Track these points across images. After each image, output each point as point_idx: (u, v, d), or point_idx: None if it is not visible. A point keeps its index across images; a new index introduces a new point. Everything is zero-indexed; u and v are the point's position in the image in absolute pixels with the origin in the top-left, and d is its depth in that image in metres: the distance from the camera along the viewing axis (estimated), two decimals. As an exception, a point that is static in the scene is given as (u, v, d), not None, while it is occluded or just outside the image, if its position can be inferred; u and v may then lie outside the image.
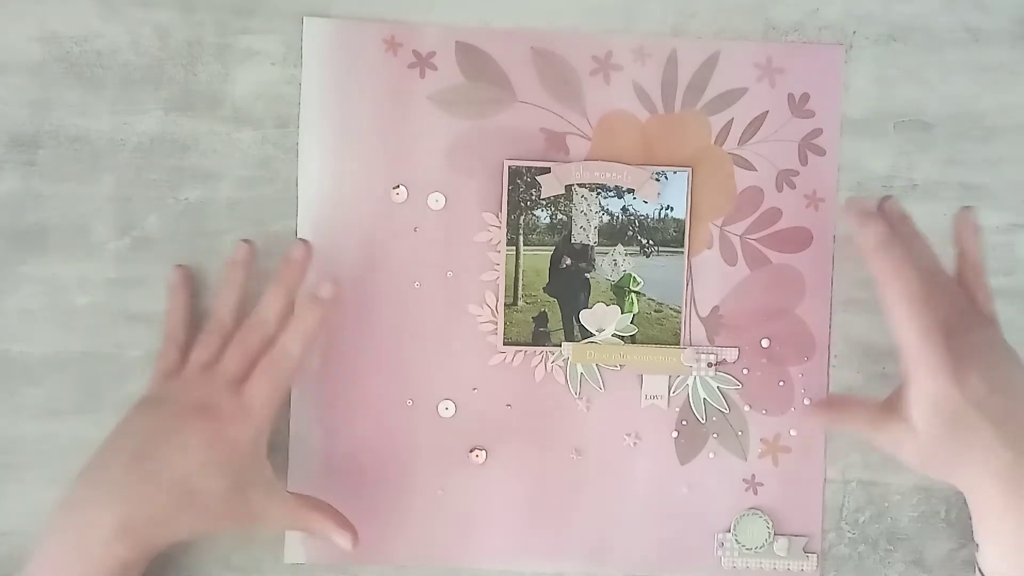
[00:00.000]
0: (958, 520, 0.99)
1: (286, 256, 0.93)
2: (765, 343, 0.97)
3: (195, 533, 0.87)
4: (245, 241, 0.94)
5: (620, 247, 0.96)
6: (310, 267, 0.93)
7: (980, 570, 0.88)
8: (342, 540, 0.91)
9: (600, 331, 0.97)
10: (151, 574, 0.94)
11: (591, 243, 0.96)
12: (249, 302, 0.93)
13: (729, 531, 0.97)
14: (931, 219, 0.97)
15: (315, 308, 0.90)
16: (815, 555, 0.98)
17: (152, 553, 0.85)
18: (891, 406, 0.86)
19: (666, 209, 0.96)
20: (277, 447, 0.96)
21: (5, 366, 0.95)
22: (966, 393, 0.83)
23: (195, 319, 0.95)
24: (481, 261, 0.96)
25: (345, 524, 0.91)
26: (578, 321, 0.96)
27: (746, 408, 0.98)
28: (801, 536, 0.98)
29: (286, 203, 0.95)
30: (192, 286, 0.95)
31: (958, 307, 0.90)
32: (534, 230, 0.96)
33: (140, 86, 0.94)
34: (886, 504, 0.99)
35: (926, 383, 0.84)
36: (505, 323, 0.96)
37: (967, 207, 0.95)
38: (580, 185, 0.95)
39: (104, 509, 0.82)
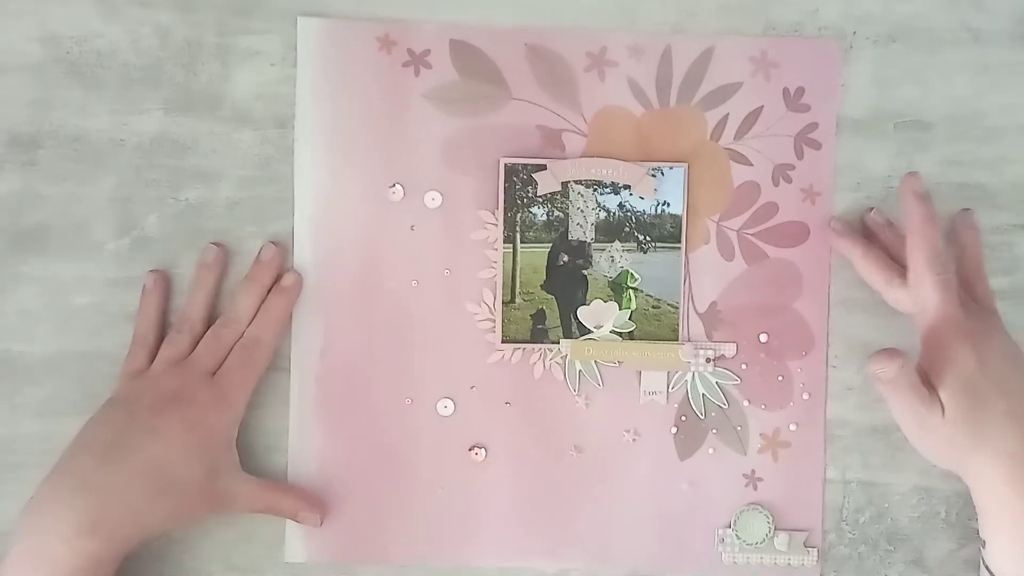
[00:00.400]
0: (958, 520, 0.99)
1: (257, 257, 0.95)
2: (763, 338, 0.97)
3: (170, 523, 0.88)
4: (215, 244, 0.95)
5: (617, 243, 0.96)
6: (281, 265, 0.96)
7: (988, 568, 0.88)
8: (310, 519, 0.94)
9: (598, 328, 0.96)
10: (152, 574, 0.95)
11: (588, 240, 0.96)
12: (219, 304, 0.96)
13: (729, 526, 0.97)
14: (931, 219, 0.98)
15: (281, 297, 0.95)
16: (815, 549, 0.97)
17: (126, 547, 0.85)
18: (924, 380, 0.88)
19: (663, 205, 0.96)
20: (276, 448, 0.96)
21: (5, 366, 0.95)
22: (982, 363, 0.86)
23: (166, 324, 0.96)
24: (478, 259, 0.96)
25: (312, 504, 0.94)
26: (576, 318, 0.96)
27: (745, 403, 0.97)
28: (801, 531, 0.97)
29: (285, 203, 0.96)
30: (166, 291, 0.96)
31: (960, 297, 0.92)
32: (531, 227, 0.96)
33: (140, 86, 0.95)
34: (886, 504, 0.99)
35: (950, 344, 0.87)
36: (503, 321, 0.96)
37: (966, 209, 0.97)
38: (576, 182, 0.95)
39: (69, 505, 0.82)
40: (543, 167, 0.95)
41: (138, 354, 0.93)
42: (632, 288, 0.96)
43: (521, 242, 0.96)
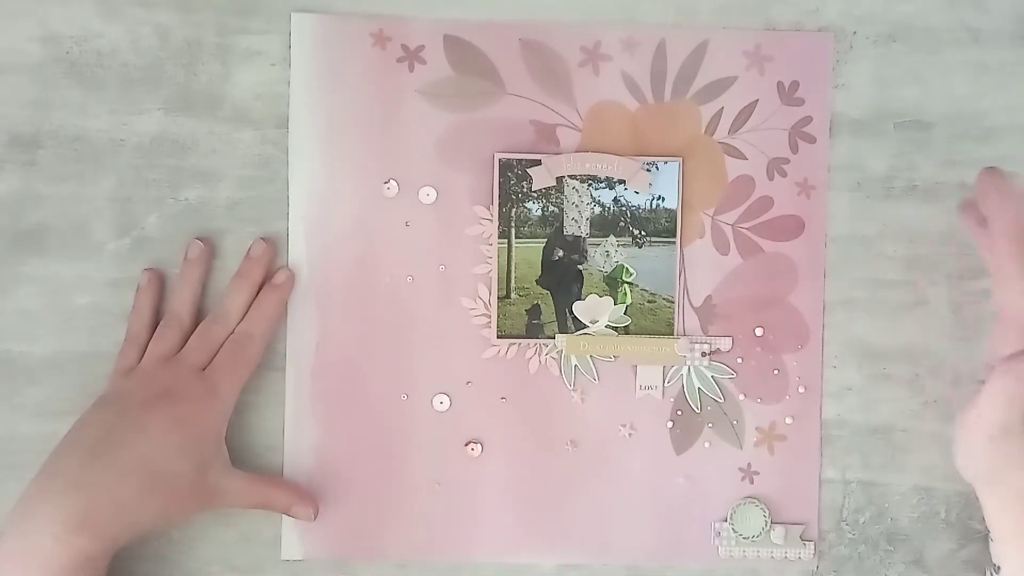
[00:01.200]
0: (958, 520, 0.99)
1: (247, 254, 0.95)
2: (759, 332, 0.97)
3: (160, 520, 0.87)
4: (199, 240, 0.95)
5: (612, 238, 0.96)
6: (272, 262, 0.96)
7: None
8: (303, 514, 0.94)
9: (593, 322, 0.97)
10: (151, 574, 0.95)
11: (583, 235, 0.96)
12: (209, 301, 0.96)
13: (726, 520, 0.97)
14: (931, 219, 0.98)
15: (273, 293, 0.95)
16: (812, 543, 0.97)
17: (117, 544, 0.85)
18: None
19: (657, 199, 0.96)
20: (274, 447, 0.96)
21: (5, 366, 0.95)
22: None
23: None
24: (473, 254, 0.96)
25: (305, 498, 0.94)
26: (571, 313, 0.96)
27: (741, 397, 0.97)
28: (798, 524, 0.97)
29: (285, 203, 0.96)
30: (160, 289, 0.96)
31: None
32: (526, 223, 0.96)
33: (140, 86, 0.95)
34: (886, 504, 0.99)
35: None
36: (498, 316, 0.96)
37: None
38: (571, 177, 0.96)
39: (59, 503, 0.82)
40: (538, 162, 0.95)
41: (130, 351, 0.93)
42: (627, 283, 0.96)
43: (516, 237, 0.96)
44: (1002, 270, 0.86)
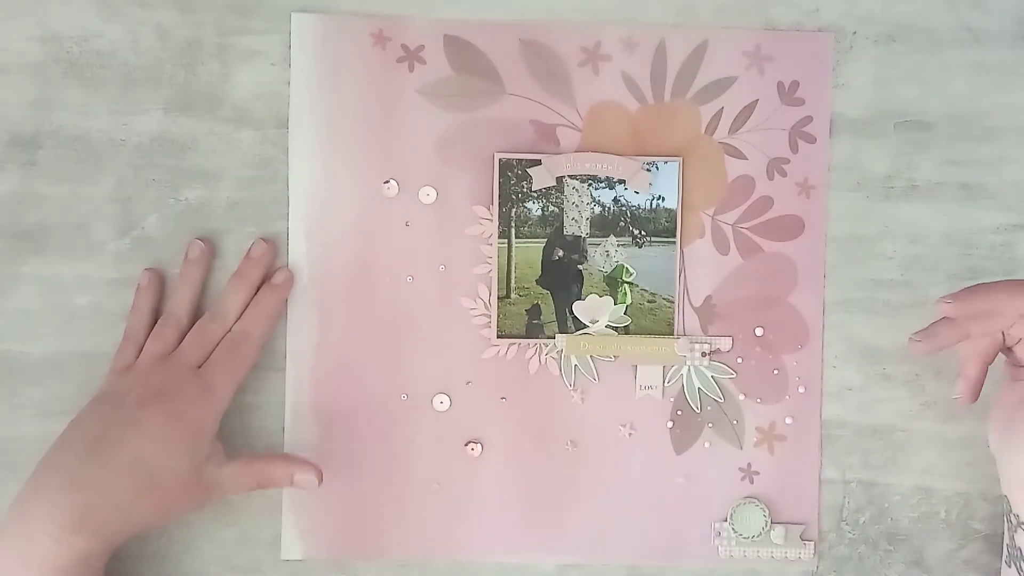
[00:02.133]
0: (958, 520, 0.99)
1: (247, 254, 0.95)
2: (759, 332, 0.97)
3: (157, 518, 0.87)
4: (200, 240, 0.95)
5: (612, 238, 0.96)
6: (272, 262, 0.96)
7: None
8: (306, 481, 0.92)
9: (593, 322, 0.97)
10: (152, 574, 0.95)
11: (583, 234, 0.96)
12: (208, 301, 0.96)
13: (726, 520, 0.97)
14: (931, 219, 0.98)
15: (272, 293, 0.95)
16: (812, 543, 0.97)
17: (114, 543, 0.85)
18: None
19: (657, 199, 0.96)
20: (272, 445, 0.96)
21: (5, 366, 0.95)
22: None
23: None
24: (473, 254, 0.96)
25: (305, 464, 0.92)
26: (571, 313, 0.96)
27: (741, 397, 0.97)
28: (798, 524, 0.97)
29: (285, 203, 0.96)
30: (160, 289, 0.95)
31: None
32: (526, 222, 0.96)
33: (140, 86, 0.95)
34: (886, 504, 0.99)
35: None
36: (498, 316, 0.96)
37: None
38: (571, 177, 0.96)
39: (56, 502, 0.82)
40: (538, 162, 0.95)
41: (127, 350, 0.93)
42: (627, 283, 0.96)
43: (516, 237, 0.96)
44: None
